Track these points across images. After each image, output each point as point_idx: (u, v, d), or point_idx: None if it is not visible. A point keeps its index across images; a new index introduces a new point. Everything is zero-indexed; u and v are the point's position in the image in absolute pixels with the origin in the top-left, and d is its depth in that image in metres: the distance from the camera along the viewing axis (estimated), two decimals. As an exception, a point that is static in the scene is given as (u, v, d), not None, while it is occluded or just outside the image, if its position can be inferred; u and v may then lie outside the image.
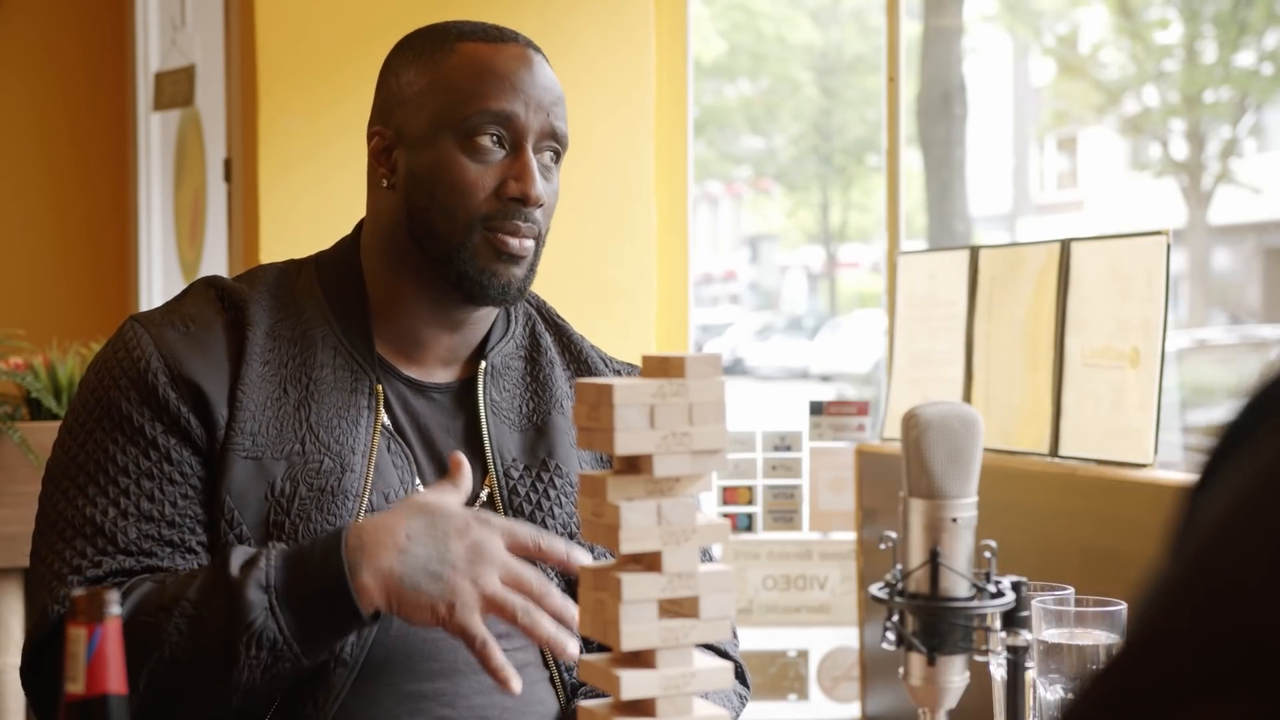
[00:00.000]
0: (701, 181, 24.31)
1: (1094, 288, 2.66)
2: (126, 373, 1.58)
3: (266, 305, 1.64)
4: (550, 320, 1.81)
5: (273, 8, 3.59)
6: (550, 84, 1.65)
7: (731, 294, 27.03)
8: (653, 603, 1.11)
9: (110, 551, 1.52)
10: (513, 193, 1.61)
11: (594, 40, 3.78)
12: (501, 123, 1.61)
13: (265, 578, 1.43)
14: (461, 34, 1.66)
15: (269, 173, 3.58)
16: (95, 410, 1.58)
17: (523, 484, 1.66)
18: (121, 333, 1.62)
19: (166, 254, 4.77)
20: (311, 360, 1.62)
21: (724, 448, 1.13)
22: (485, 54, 1.63)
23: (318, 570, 1.43)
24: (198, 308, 1.64)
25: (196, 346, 1.59)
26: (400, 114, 1.65)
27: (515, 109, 1.62)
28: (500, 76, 1.62)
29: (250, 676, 1.43)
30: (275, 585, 1.43)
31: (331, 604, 1.43)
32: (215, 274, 1.72)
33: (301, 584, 1.43)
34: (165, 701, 1.45)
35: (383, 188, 1.67)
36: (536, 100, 1.63)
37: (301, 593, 1.43)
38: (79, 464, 1.56)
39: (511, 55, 1.64)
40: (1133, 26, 17.11)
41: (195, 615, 1.44)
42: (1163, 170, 18.20)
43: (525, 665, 1.62)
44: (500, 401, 1.70)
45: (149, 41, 4.73)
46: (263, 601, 1.43)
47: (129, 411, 1.56)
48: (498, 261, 1.62)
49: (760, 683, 3.46)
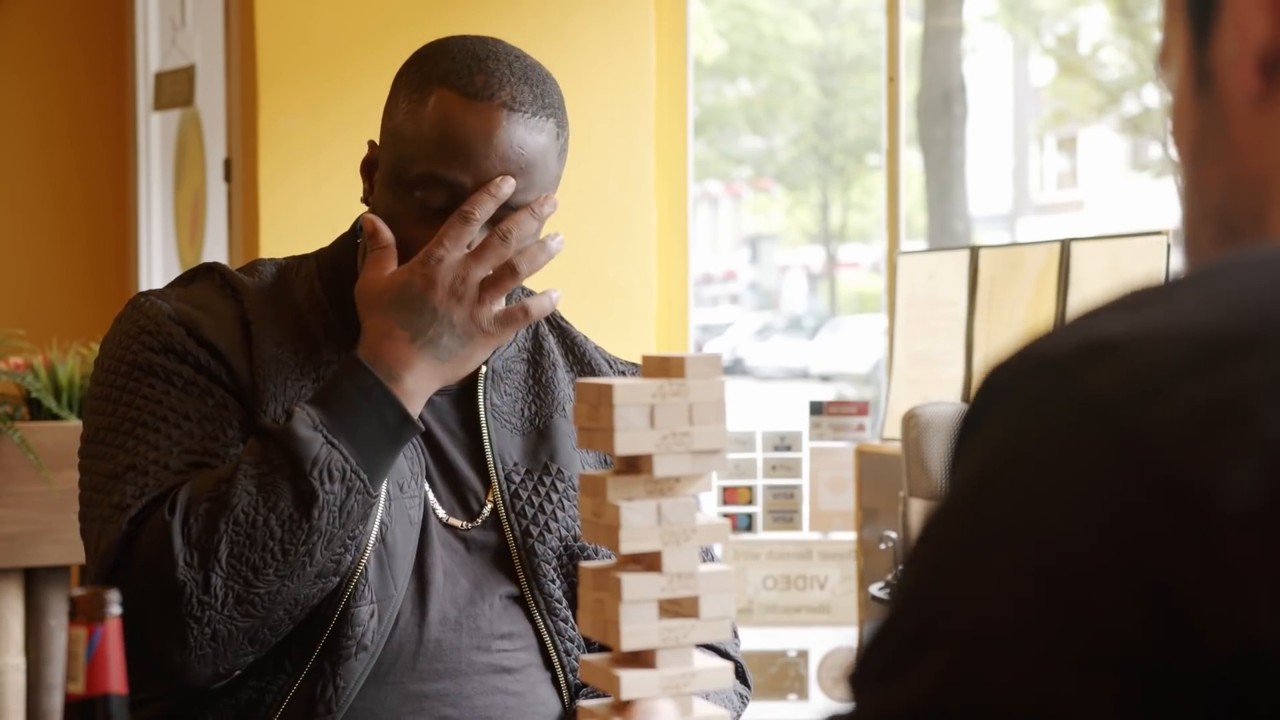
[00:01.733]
0: (701, 181, 24.32)
1: (1094, 288, 2.66)
2: (151, 335, 1.57)
3: (268, 299, 1.64)
4: (553, 322, 1.80)
5: (273, 8, 3.59)
6: (515, 151, 1.55)
7: (731, 294, 27.02)
8: (653, 603, 1.12)
9: (151, 489, 1.50)
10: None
11: (594, 40, 3.78)
12: (449, 193, 1.55)
13: (311, 419, 1.49)
14: (444, 76, 1.57)
15: (269, 173, 3.59)
16: (130, 373, 1.57)
17: (524, 488, 1.66)
18: (134, 303, 1.62)
19: (166, 254, 4.77)
20: (318, 357, 1.62)
21: (724, 448, 1.13)
22: (453, 112, 1.55)
23: (355, 395, 1.50)
24: (206, 296, 1.63)
25: (210, 319, 1.60)
26: (384, 139, 1.62)
27: (463, 180, 1.54)
28: (455, 145, 1.54)
29: (329, 517, 1.47)
30: (323, 423, 1.49)
31: (381, 418, 1.50)
32: (217, 261, 1.71)
33: (348, 412, 1.50)
34: (253, 572, 1.46)
35: (366, 199, 1.66)
36: (489, 174, 1.54)
37: (351, 418, 1.50)
38: (112, 425, 1.55)
39: (478, 121, 1.54)
40: (1133, 26, 17.11)
41: (259, 474, 1.47)
42: (1163, 170, 18.20)
43: (527, 666, 1.62)
44: (501, 405, 1.69)
45: (149, 41, 4.73)
46: (318, 438, 1.48)
47: (163, 363, 1.56)
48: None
49: (760, 683, 3.46)
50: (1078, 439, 0.58)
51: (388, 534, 1.57)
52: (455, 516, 1.64)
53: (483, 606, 1.61)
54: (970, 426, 0.63)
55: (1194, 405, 0.56)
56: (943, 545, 0.61)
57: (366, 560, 1.55)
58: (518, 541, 1.64)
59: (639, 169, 3.82)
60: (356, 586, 1.54)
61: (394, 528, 1.57)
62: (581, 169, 3.75)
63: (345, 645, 1.53)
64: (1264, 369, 0.57)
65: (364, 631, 1.54)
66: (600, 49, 3.78)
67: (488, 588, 1.62)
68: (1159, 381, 0.57)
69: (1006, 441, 0.60)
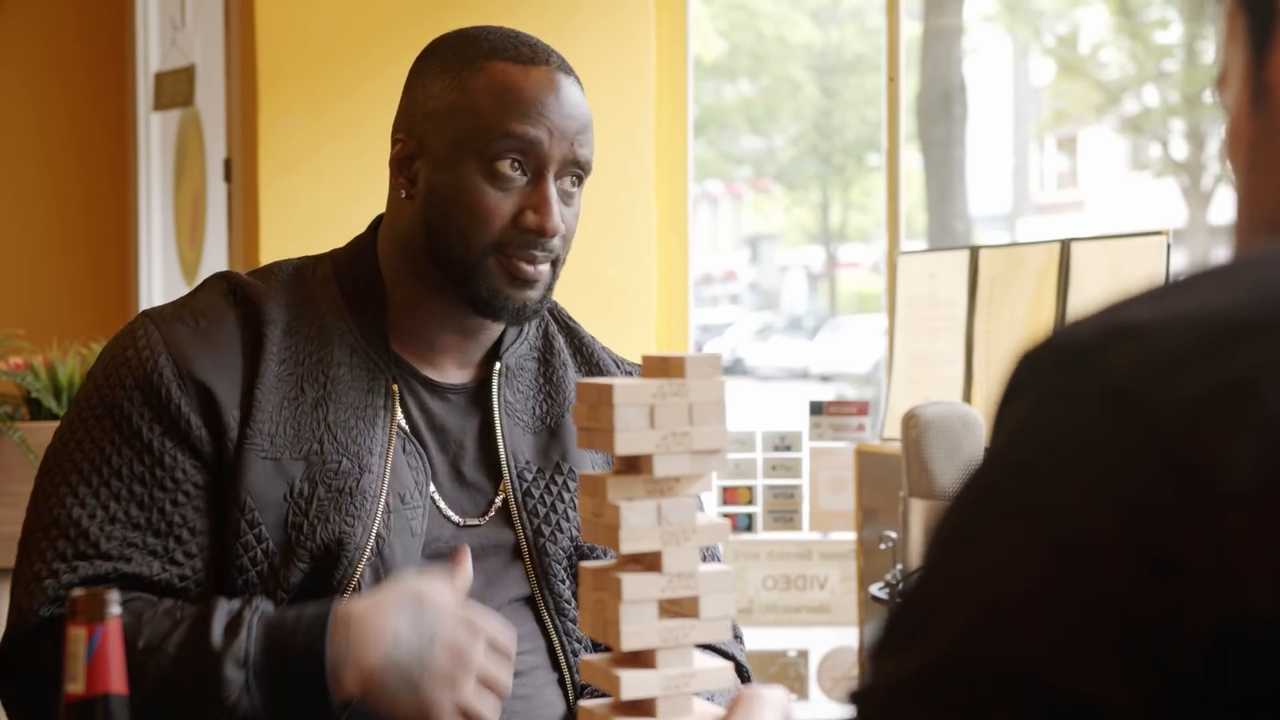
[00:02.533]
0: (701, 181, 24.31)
1: (1094, 288, 2.66)
2: (133, 371, 1.57)
3: (283, 302, 1.63)
4: (563, 322, 1.80)
5: (273, 8, 3.59)
6: (577, 109, 1.62)
7: (731, 294, 27.02)
8: (653, 603, 1.11)
9: (89, 555, 1.51)
10: (530, 224, 1.59)
11: (594, 40, 3.78)
12: (524, 149, 1.59)
13: (244, 652, 1.43)
14: (493, 50, 1.62)
15: (269, 173, 3.59)
16: (97, 407, 1.57)
17: (536, 486, 1.66)
18: (131, 329, 1.61)
19: (166, 254, 4.77)
20: (329, 358, 1.61)
21: (724, 448, 1.13)
22: (513, 76, 1.60)
23: (298, 655, 1.43)
24: (209, 302, 1.62)
25: (208, 343, 1.58)
26: (424, 126, 1.63)
27: (539, 136, 1.59)
28: (526, 102, 1.59)
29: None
30: (254, 663, 1.43)
31: (307, 692, 1.43)
32: (230, 269, 1.70)
33: (280, 666, 1.43)
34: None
35: (402, 197, 1.66)
36: (561, 128, 1.60)
37: (279, 674, 1.43)
38: (74, 461, 1.56)
39: (539, 79, 1.61)
40: (1133, 26, 17.10)
41: (171, 673, 1.43)
42: (1163, 170, 18.20)
43: (534, 668, 1.62)
44: (514, 403, 1.69)
45: (149, 41, 4.73)
46: (240, 679, 1.42)
47: (130, 412, 1.55)
48: (511, 286, 1.61)
49: (760, 683, 3.46)
50: (1096, 419, 0.61)
51: (384, 547, 1.56)
52: (465, 514, 1.64)
53: (493, 608, 1.60)
54: (1001, 408, 0.66)
55: (1203, 386, 0.60)
56: (961, 519, 0.65)
57: (361, 574, 1.54)
58: (529, 541, 1.64)
59: (639, 169, 3.82)
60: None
61: (392, 540, 1.57)
62: (581, 169, 3.76)
63: None
64: (1271, 350, 0.60)
65: None
66: (600, 49, 3.78)
67: (497, 589, 1.62)
68: (1173, 363, 0.61)
69: (1030, 422, 0.64)
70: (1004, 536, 0.62)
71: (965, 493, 0.65)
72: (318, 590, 1.54)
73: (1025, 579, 0.60)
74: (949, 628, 0.61)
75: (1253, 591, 0.57)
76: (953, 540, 0.65)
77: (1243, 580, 0.57)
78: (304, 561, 1.54)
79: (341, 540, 1.54)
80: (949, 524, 0.65)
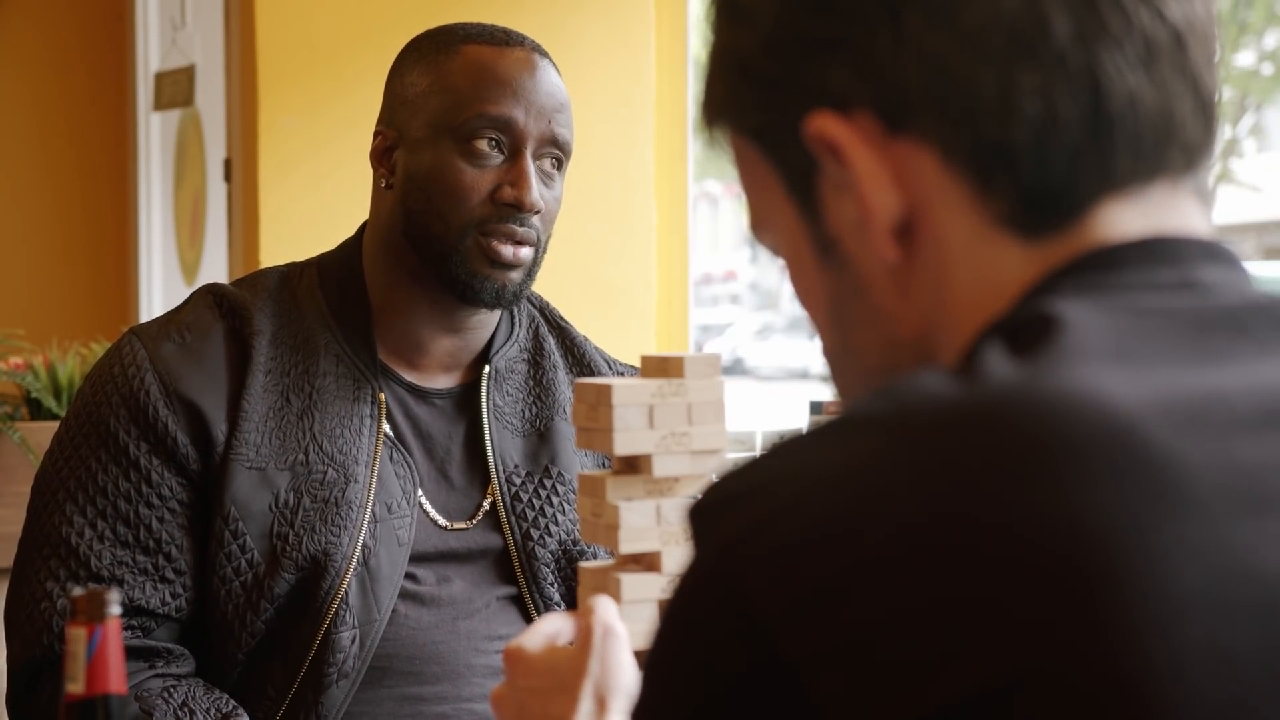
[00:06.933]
0: (701, 181, 24.31)
1: (1094, 288, 2.66)
2: (119, 389, 1.57)
3: (270, 312, 1.63)
4: (554, 323, 1.80)
5: (273, 8, 3.59)
6: (554, 90, 1.63)
7: (731, 294, 27.01)
8: (652, 603, 1.12)
9: (82, 576, 1.52)
10: (507, 198, 1.59)
11: (594, 40, 3.78)
12: (500, 128, 1.59)
13: None
14: (467, 36, 1.64)
15: (269, 173, 3.58)
16: (84, 425, 1.57)
17: (525, 490, 1.66)
18: (118, 346, 1.61)
19: (166, 254, 4.77)
20: (314, 368, 1.61)
21: (724, 448, 1.13)
22: (488, 57, 1.62)
23: None
24: (195, 315, 1.62)
25: (193, 359, 1.58)
26: (402, 114, 1.64)
27: (514, 114, 1.59)
28: (501, 81, 1.60)
29: None
30: None
31: None
32: (216, 281, 1.71)
33: None
34: None
35: (382, 188, 1.66)
36: (538, 106, 1.60)
37: None
38: (61, 479, 1.56)
39: (515, 60, 1.62)
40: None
41: None
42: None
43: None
44: (503, 406, 1.69)
45: (149, 41, 4.73)
46: None
47: (116, 429, 1.55)
48: (490, 267, 1.60)
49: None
50: (705, 582, 0.63)
51: (370, 558, 1.56)
52: (452, 519, 1.64)
53: (479, 607, 1.61)
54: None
55: (773, 546, 0.61)
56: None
57: (348, 585, 1.54)
58: (517, 544, 1.64)
59: (639, 169, 3.82)
60: (337, 612, 1.53)
61: (378, 550, 1.57)
62: (581, 169, 3.75)
63: (327, 673, 1.53)
64: (754, 515, 0.62)
65: (345, 658, 1.53)
66: (600, 49, 3.78)
67: (485, 589, 1.62)
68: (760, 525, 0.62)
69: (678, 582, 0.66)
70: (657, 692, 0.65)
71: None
72: (303, 601, 1.54)
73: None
74: None
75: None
76: None
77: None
78: (290, 572, 1.53)
79: (328, 551, 1.54)
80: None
